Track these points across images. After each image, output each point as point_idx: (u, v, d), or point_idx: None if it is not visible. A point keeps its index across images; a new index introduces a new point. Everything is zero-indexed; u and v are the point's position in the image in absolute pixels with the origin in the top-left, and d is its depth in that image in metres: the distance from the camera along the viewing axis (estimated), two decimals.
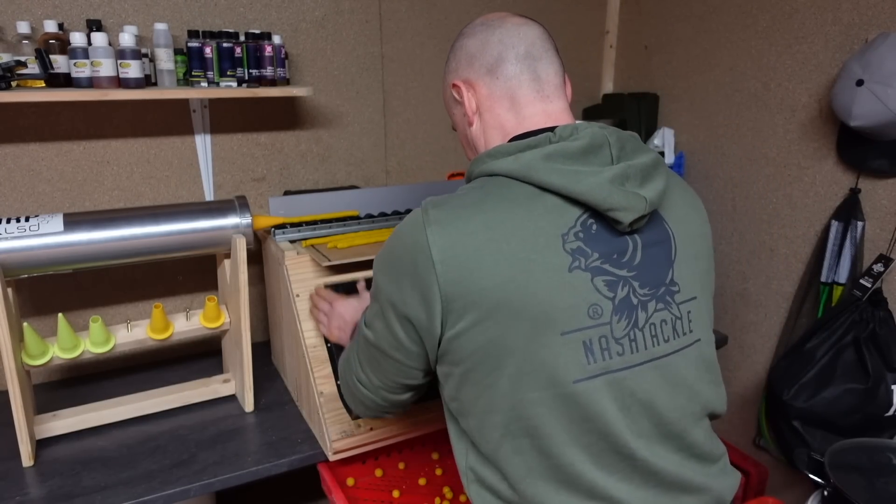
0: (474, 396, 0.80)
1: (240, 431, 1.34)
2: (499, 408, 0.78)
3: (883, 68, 1.30)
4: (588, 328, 0.76)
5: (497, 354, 0.76)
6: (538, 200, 0.77)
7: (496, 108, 0.87)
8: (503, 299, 0.74)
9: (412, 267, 0.77)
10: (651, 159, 0.82)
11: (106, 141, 1.53)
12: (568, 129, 0.81)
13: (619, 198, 0.76)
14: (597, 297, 0.77)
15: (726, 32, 1.77)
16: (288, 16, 1.66)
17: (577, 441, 0.77)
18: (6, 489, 1.15)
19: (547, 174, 0.76)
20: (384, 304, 0.83)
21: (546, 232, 0.76)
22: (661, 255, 0.82)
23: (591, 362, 0.76)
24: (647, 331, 0.80)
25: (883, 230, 1.49)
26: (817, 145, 1.59)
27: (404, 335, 0.82)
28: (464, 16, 1.90)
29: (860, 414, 1.43)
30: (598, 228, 0.78)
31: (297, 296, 1.31)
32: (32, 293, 1.52)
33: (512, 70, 0.85)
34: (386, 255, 0.84)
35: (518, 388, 0.76)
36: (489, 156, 0.83)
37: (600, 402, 0.76)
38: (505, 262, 0.74)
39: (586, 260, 0.77)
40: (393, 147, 1.90)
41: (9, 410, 1.18)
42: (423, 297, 0.77)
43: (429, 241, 0.76)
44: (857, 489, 1.19)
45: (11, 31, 1.36)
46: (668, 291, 0.82)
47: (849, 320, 1.45)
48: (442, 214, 0.77)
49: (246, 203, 1.35)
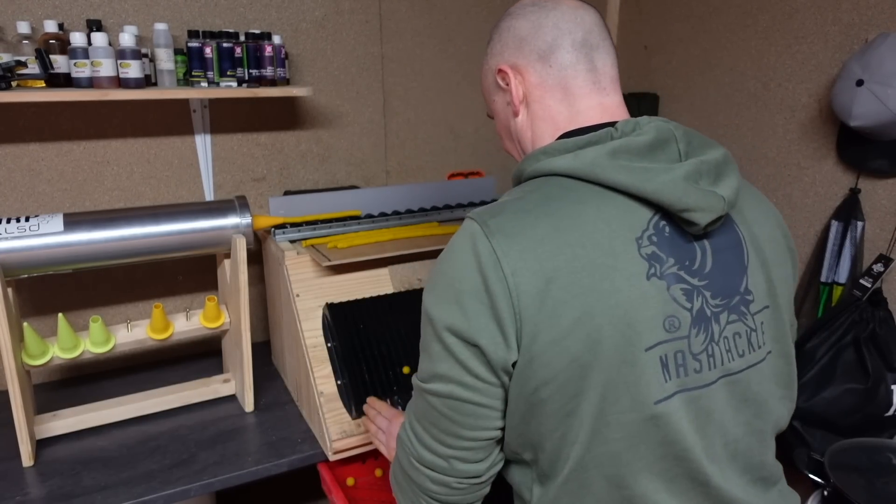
0: (548, 428, 0.70)
1: (240, 431, 1.34)
2: (576, 438, 0.69)
3: (883, 68, 1.30)
4: (665, 342, 0.68)
5: (579, 377, 0.66)
6: (607, 200, 0.69)
7: (547, 99, 0.79)
8: (584, 314, 0.65)
9: (480, 284, 0.67)
10: (722, 155, 0.74)
11: (106, 141, 1.53)
12: (630, 124, 0.74)
13: (695, 197, 0.68)
14: (674, 307, 0.69)
15: (726, 32, 1.77)
16: (288, 16, 1.66)
17: (650, 468, 0.70)
18: (6, 489, 1.15)
19: (614, 172, 0.69)
20: (446, 338, 0.69)
21: (621, 235, 0.68)
22: (732, 261, 0.75)
23: (668, 380, 0.69)
24: (722, 345, 0.73)
25: (883, 230, 1.49)
26: (817, 145, 1.59)
27: (477, 365, 0.69)
28: (464, 16, 1.90)
29: (860, 414, 1.43)
30: (671, 232, 0.71)
31: (297, 296, 1.31)
32: (32, 293, 1.52)
33: (567, 58, 0.77)
34: (442, 279, 0.71)
35: (601, 413, 0.67)
36: (545, 153, 0.75)
37: (679, 424, 0.69)
38: (583, 271, 0.66)
39: (661, 266, 0.69)
40: (393, 147, 1.90)
41: (9, 410, 1.18)
42: (497, 318, 0.66)
43: (497, 253, 0.66)
44: (857, 489, 1.19)
45: (11, 31, 1.36)
46: (742, 301, 0.75)
47: (849, 320, 1.45)
48: (505, 222, 0.68)
49: (246, 203, 1.35)
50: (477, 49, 1.95)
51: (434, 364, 0.71)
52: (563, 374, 0.66)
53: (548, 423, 0.69)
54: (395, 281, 1.39)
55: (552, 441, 0.70)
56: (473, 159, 2.04)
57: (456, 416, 0.72)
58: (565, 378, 0.67)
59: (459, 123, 1.99)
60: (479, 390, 0.70)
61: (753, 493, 0.77)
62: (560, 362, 0.66)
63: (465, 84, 1.96)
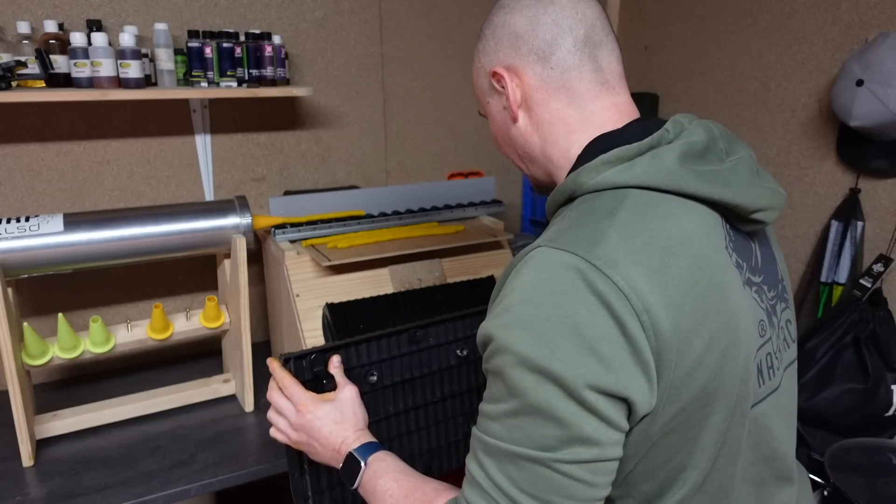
0: (662, 460, 0.63)
1: (240, 431, 1.34)
2: (696, 464, 0.63)
3: (883, 68, 1.30)
4: (760, 347, 0.67)
5: (706, 403, 0.61)
6: (692, 212, 0.65)
7: (551, 103, 0.72)
8: (711, 339, 0.60)
9: (617, 328, 0.56)
10: (751, 151, 0.73)
11: (106, 141, 1.53)
12: (677, 125, 0.70)
13: (766, 197, 0.67)
14: (760, 311, 0.68)
15: (726, 32, 1.77)
16: (288, 16, 1.66)
17: (744, 474, 0.68)
18: (6, 489, 1.15)
19: (693, 179, 0.64)
20: (587, 397, 0.56)
21: (718, 248, 0.64)
22: (768, 252, 0.75)
23: (762, 384, 0.68)
24: (780, 337, 0.72)
25: (883, 230, 1.49)
26: (817, 145, 1.59)
27: (622, 419, 0.59)
28: (464, 16, 1.90)
29: (860, 414, 1.43)
30: (736, 235, 0.69)
31: (297, 296, 1.31)
32: (32, 293, 1.52)
33: (570, 60, 0.71)
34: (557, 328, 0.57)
35: (723, 435, 0.63)
36: (606, 163, 0.66)
37: (769, 425, 0.68)
38: (704, 294, 0.60)
39: (742, 272, 0.67)
40: (393, 147, 1.90)
41: (9, 410, 1.17)
42: (642, 363, 0.57)
43: (623, 290, 0.56)
44: (857, 489, 1.19)
45: (11, 31, 1.36)
46: (783, 288, 0.75)
47: (849, 320, 1.45)
48: (615, 252, 0.59)
49: (246, 203, 1.35)
50: None
51: (571, 429, 0.57)
52: (691, 405, 0.61)
53: (663, 456, 0.63)
54: (395, 281, 1.39)
55: (665, 471, 0.64)
56: (473, 159, 2.04)
57: (597, 478, 0.60)
58: (693, 408, 0.61)
59: (459, 123, 1.99)
60: (620, 444, 0.61)
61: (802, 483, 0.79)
62: (690, 394, 0.60)
63: (465, 84, 1.96)
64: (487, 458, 0.61)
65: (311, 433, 0.85)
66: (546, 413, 0.57)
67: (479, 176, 1.98)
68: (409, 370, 1.04)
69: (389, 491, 0.74)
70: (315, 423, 0.85)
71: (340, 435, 0.83)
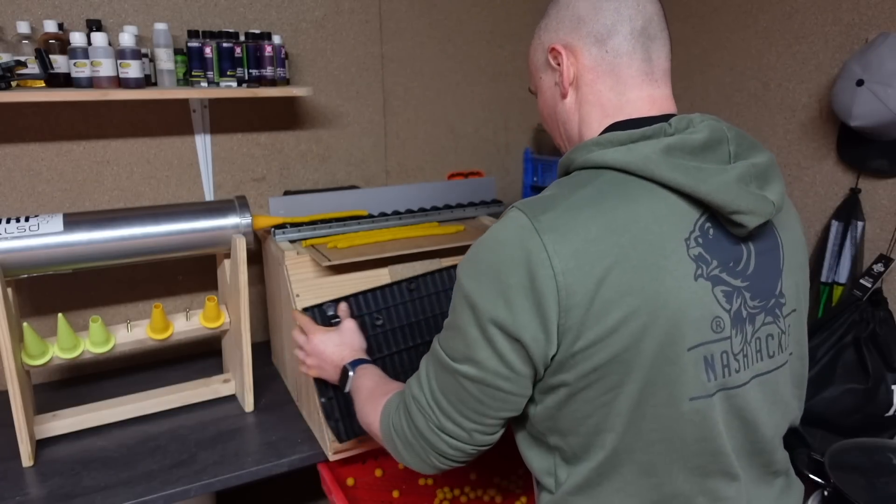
0: (582, 415, 0.72)
1: (240, 431, 1.34)
2: (611, 427, 0.71)
3: (883, 68, 1.30)
4: (711, 342, 0.70)
5: (620, 371, 0.68)
6: (659, 199, 0.69)
7: (598, 84, 0.77)
8: (631, 313, 0.66)
9: (528, 281, 0.67)
10: (768, 158, 0.74)
11: (106, 141, 1.53)
12: (684, 121, 0.73)
13: (746, 200, 0.69)
14: (717, 308, 0.71)
15: (726, 32, 1.77)
16: (288, 16, 1.66)
17: (686, 461, 0.72)
18: (6, 489, 1.15)
19: (669, 170, 0.68)
20: (489, 329, 0.70)
21: (671, 236, 0.69)
22: (770, 264, 0.76)
23: (711, 379, 0.70)
24: (753, 346, 0.74)
25: (883, 230, 1.49)
26: (817, 145, 1.59)
27: (516, 359, 0.71)
28: (464, 16, 1.90)
29: (860, 414, 1.43)
30: (715, 233, 0.71)
31: (297, 296, 1.31)
32: (32, 293, 1.52)
33: (624, 46, 0.75)
34: (487, 269, 0.71)
35: (637, 406, 0.69)
36: (597, 144, 0.73)
37: (715, 421, 0.72)
38: (633, 271, 0.66)
39: (707, 268, 0.70)
40: (393, 147, 1.90)
41: (9, 410, 1.18)
42: (542, 315, 0.67)
43: (548, 251, 0.66)
44: (857, 489, 1.19)
45: (11, 31, 1.36)
46: (776, 304, 0.76)
47: (849, 320, 1.45)
48: (557, 219, 0.68)
49: (246, 203, 1.35)
50: (477, 49, 1.95)
51: (470, 349, 0.73)
52: (604, 368, 0.68)
53: (583, 411, 0.71)
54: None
55: (586, 427, 0.72)
56: (473, 159, 2.04)
57: (486, 399, 0.74)
58: (606, 371, 0.68)
59: (459, 123, 1.99)
60: (512, 380, 0.73)
61: (764, 484, 0.81)
62: (602, 357, 0.68)
63: (465, 84, 1.96)
64: (429, 357, 0.80)
65: (320, 356, 1.07)
66: (460, 331, 0.73)
67: (479, 176, 1.98)
68: (407, 316, 1.27)
69: (365, 387, 0.95)
70: (320, 346, 1.07)
71: (340, 354, 1.05)
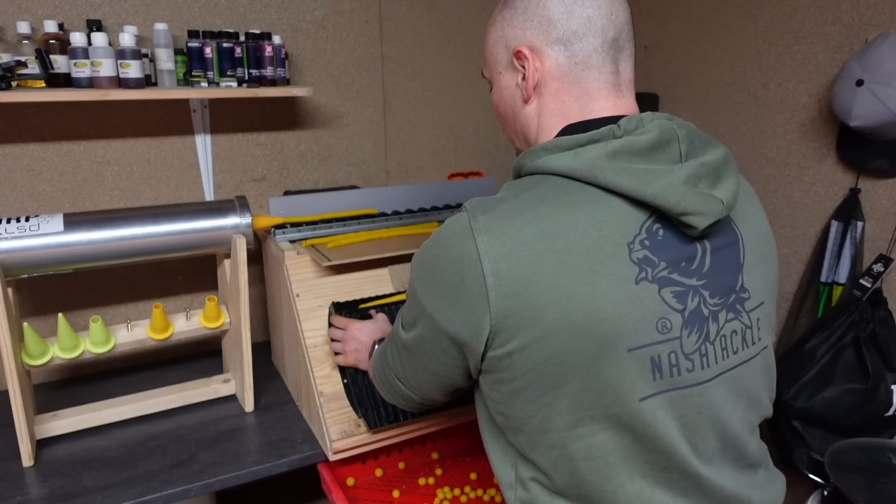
0: (527, 414, 0.73)
1: (240, 431, 1.34)
2: (556, 427, 0.71)
3: (883, 68, 1.30)
4: (657, 343, 0.69)
5: (557, 373, 0.69)
6: (602, 204, 0.69)
7: (562, 95, 0.75)
8: (565, 316, 0.66)
9: (458, 280, 0.69)
10: (722, 155, 0.73)
11: (106, 141, 1.53)
12: (633, 122, 0.71)
13: (694, 201, 0.68)
14: (665, 309, 0.70)
15: (726, 32, 1.77)
16: (288, 16, 1.66)
17: (637, 459, 0.72)
18: (6, 489, 1.15)
19: (614, 174, 0.68)
20: (423, 316, 0.76)
21: (611, 240, 0.68)
22: (729, 259, 0.75)
23: (658, 378, 0.70)
24: (718, 343, 0.73)
25: (883, 230, 1.49)
26: (817, 145, 1.59)
27: (444, 351, 0.76)
28: (464, 16, 1.90)
29: (860, 414, 1.43)
30: (665, 234, 0.71)
31: (297, 296, 1.31)
32: (32, 293, 1.52)
33: (594, 58, 0.73)
34: (427, 263, 0.75)
35: (579, 407, 0.70)
36: (545, 149, 0.73)
37: (664, 420, 0.71)
38: (567, 276, 0.66)
39: (653, 270, 0.69)
40: (393, 147, 1.90)
41: (9, 410, 1.18)
42: (470, 315, 0.70)
43: (479, 253, 0.67)
44: (857, 489, 1.19)
45: (11, 31, 1.36)
46: (738, 299, 0.75)
47: (849, 320, 1.45)
48: (493, 221, 0.69)
49: (246, 203, 1.35)
50: (477, 49, 1.95)
51: (411, 321, 0.80)
52: (541, 368, 0.69)
53: (527, 409, 0.72)
54: (395, 281, 1.39)
55: (531, 426, 0.73)
56: (473, 159, 2.04)
57: (418, 370, 0.83)
58: (542, 372, 0.69)
59: (459, 123, 1.99)
60: (440, 364, 0.78)
61: (741, 478, 0.79)
62: (538, 357, 0.68)
63: (465, 84, 1.96)
64: (395, 323, 0.88)
65: (357, 341, 1.16)
66: (403, 310, 0.83)
67: (479, 176, 1.98)
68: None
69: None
70: (355, 333, 1.18)
71: (372, 336, 1.14)
